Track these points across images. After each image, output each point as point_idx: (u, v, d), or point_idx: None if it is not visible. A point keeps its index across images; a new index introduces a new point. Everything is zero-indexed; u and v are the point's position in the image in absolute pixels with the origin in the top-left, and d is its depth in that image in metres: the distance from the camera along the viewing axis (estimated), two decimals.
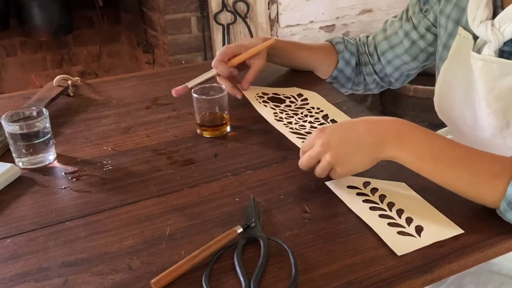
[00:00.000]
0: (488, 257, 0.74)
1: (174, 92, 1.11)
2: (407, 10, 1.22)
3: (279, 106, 1.11)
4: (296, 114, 1.08)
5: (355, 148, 0.82)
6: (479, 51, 0.97)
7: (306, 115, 1.08)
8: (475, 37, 0.98)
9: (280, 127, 1.02)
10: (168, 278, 0.68)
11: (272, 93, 1.17)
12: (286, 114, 1.08)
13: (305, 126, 1.04)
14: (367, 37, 1.30)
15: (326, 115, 1.09)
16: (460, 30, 1.02)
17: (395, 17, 1.26)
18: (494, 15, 0.95)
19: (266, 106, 1.11)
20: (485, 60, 0.94)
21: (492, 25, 0.93)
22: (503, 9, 0.94)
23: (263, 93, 1.17)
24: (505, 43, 0.94)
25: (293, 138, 0.98)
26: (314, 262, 0.71)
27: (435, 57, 1.21)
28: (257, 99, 1.13)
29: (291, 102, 1.14)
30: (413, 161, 0.80)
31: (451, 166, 0.78)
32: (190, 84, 1.12)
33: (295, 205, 0.83)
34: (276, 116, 1.07)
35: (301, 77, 1.26)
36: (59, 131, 1.07)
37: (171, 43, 2.41)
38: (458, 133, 1.11)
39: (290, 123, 1.04)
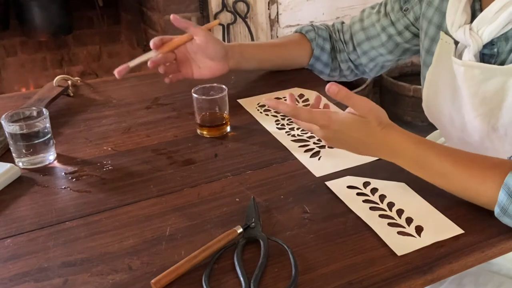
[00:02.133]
0: (488, 257, 0.74)
1: (116, 73, 1.11)
2: (385, 4, 1.21)
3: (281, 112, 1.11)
4: None
5: (350, 148, 0.86)
6: (460, 55, 0.97)
7: None
8: (456, 42, 0.98)
9: (281, 137, 1.02)
10: (168, 278, 0.68)
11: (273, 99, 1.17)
12: (288, 119, 1.08)
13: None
14: (342, 23, 1.29)
15: None
16: (442, 35, 1.02)
17: (372, 7, 1.24)
18: (473, 19, 0.94)
19: (267, 115, 1.10)
20: (467, 66, 0.94)
21: (470, 29, 0.92)
22: (481, 12, 0.94)
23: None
24: (485, 46, 0.93)
25: (294, 148, 0.98)
26: (314, 262, 0.71)
27: (412, 53, 1.22)
28: (258, 109, 1.13)
29: None
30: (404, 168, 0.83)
31: (440, 174, 0.81)
32: (131, 64, 1.12)
33: (295, 205, 0.83)
34: (278, 124, 1.07)
35: (302, 77, 1.26)
36: (59, 131, 1.07)
37: None
38: (448, 137, 1.11)
39: (292, 129, 1.04)
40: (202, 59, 1.14)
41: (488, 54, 0.94)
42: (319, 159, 0.95)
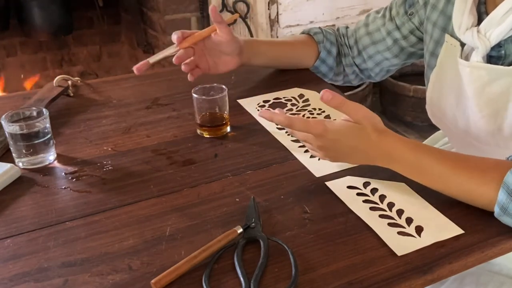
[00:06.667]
0: (489, 257, 0.74)
1: (135, 70, 1.09)
2: (390, 8, 1.21)
3: None
4: None
5: (347, 158, 0.87)
6: (467, 57, 0.97)
7: (308, 118, 1.08)
8: (463, 44, 0.98)
9: (281, 137, 1.02)
10: (168, 278, 0.68)
11: (273, 99, 1.17)
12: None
13: None
14: (347, 28, 1.29)
15: (328, 115, 1.09)
16: (447, 37, 1.02)
17: (377, 12, 1.24)
18: (479, 21, 0.95)
19: None
20: (472, 67, 0.95)
21: (478, 31, 0.93)
22: (487, 14, 0.94)
23: (264, 101, 1.16)
24: (492, 48, 0.94)
25: (294, 148, 0.98)
26: (314, 262, 0.71)
27: (417, 57, 1.21)
28: (258, 109, 1.13)
29: (292, 105, 1.14)
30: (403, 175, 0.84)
31: (439, 178, 0.81)
32: (152, 60, 1.11)
33: (295, 205, 0.83)
34: (277, 124, 1.07)
35: (302, 77, 1.26)
36: (59, 131, 1.07)
37: (171, 43, 2.40)
38: (452, 138, 1.11)
39: None
40: (218, 54, 1.15)
41: (496, 56, 0.94)
42: (319, 159, 0.95)
